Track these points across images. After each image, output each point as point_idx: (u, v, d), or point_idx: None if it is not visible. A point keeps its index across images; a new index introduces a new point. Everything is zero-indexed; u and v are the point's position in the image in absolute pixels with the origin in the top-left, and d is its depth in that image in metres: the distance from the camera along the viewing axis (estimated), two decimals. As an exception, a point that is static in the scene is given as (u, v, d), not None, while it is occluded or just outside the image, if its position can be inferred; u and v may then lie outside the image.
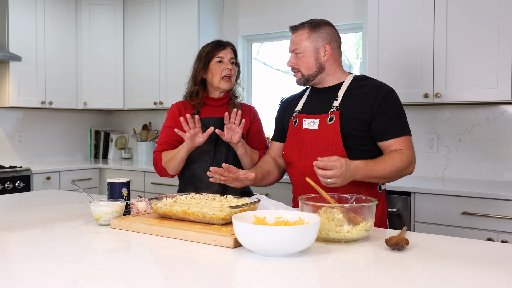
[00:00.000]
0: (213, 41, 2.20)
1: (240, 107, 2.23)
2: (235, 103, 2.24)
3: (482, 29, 2.75)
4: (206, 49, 2.17)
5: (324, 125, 1.84)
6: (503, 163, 3.02)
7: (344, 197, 1.59)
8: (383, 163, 1.72)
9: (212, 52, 2.14)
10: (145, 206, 1.78)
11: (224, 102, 2.22)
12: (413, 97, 2.95)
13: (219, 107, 2.21)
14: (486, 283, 1.06)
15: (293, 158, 1.91)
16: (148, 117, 4.77)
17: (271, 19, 3.98)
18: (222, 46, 2.16)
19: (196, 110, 2.18)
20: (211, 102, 2.20)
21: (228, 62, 2.14)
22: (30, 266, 1.17)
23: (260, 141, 2.26)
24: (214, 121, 2.15)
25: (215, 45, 2.16)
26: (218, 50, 2.14)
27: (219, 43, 2.17)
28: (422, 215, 2.69)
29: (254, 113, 2.29)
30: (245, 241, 1.26)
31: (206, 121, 2.16)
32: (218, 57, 2.13)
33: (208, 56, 2.14)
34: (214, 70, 2.14)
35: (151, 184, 3.90)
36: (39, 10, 4.03)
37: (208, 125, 2.13)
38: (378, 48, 3.08)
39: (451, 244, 1.41)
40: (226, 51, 2.15)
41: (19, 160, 4.23)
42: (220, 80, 2.14)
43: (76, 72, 4.36)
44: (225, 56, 2.14)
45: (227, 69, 2.13)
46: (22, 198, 2.30)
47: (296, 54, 1.88)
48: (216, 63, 2.14)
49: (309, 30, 1.85)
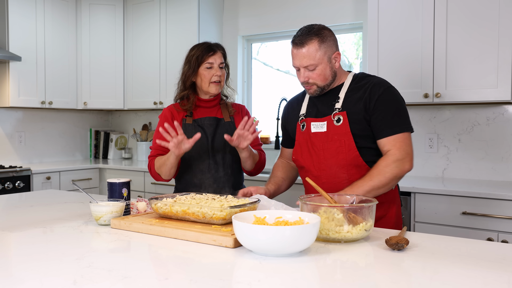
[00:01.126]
0: (203, 44, 2.17)
1: (232, 106, 2.25)
2: (227, 103, 2.25)
3: (482, 29, 2.75)
4: (196, 53, 2.13)
5: (332, 126, 1.83)
6: (503, 163, 3.02)
7: (344, 197, 1.59)
8: (361, 184, 1.72)
9: (202, 57, 2.12)
10: (145, 206, 1.78)
11: (216, 103, 2.22)
12: (413, 97, 2.95)
13: (211, 108, 2.22)
14: (486, 283, 1.06)
15: (305, 163, 1.90)
16: (148, 117, 4.77)
17: (271, 19, 3.98)
18: (212, 51, 2.13)
19: (189, 113, 2.19)
20: (202, 103, 2.20)
21: (218, 67, 2.13)
22: (30, 266, 1.17)
23: (253, 140, 2.26)
24: (209, 121, 2.17)
25: (204, 50, 2.13)
26: (207, 55, 2.12)
27: (209, 47, 2.14)
28: (422, 215, 2.69)
29: (245, 112, 2.29)
30: (245, 241, 1.26)
31: (201, 121, 2.17)
32: (208, 63, 2.12)
33: (198, 61, 2.12)
34: (203, 76, 2.13)
35: (151, 184, 3.89)
36: (39, 10, 4.03)
37: (204, 125, 2.15)
38: (378, 48, 3.08)
39: (451, 244, 1.41)
40: (216, 56, 2.13)
41: (19, 160, 4.23)
42: (210, 85, 2.13)
43: (76, 72, 4.36)
44: (214, 61, 2.12)
45: (217, 75, 2.12)
46: (22, 198, 2.30)
47: (308, 68, 1.81)
48: (205, 68, 2.12)
49: (318, 41, 1.78)
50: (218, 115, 2.21)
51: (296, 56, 1.82)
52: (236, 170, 2.20)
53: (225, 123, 2.19)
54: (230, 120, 2.21)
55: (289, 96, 3.94)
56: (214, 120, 2.17)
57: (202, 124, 2.16)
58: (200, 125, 2.16)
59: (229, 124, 2.19)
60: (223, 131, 2.13)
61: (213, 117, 2.18)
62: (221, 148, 2.15)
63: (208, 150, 2.14)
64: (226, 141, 2.05)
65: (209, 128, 2.16)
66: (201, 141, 2.12)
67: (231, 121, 2.21)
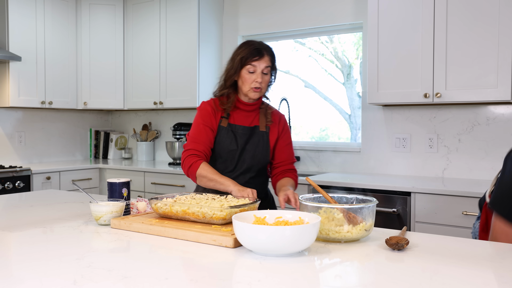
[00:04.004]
0: (251, 45, 2.03)
1: (271, 116, 2.14)
2: (266, 110, 2.14)
3: (482, 28, 2.75)
4: (241, 53, 2.02)
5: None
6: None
7: (344, 197, 1.59)
8: None
9: (246, 60, 2.00)
10: (145, 206, 1.78)
11: (255, 108, 2.12)
12: (413, 97, 2.95)
13: (249, 112, 2.11)
14: (486, 283, 1.06)
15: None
16: (148, 117, 4.77)
17: (271, 19, 3.98)
18: (258, 55, 2.00)
19: (226, 114, 2.09)
20: (242, 106, 2.10)
21: (260, 73, 2.00)
22: (30, 266, 1.17)
23: (289, 155, 2.17)
24: (243, 130, 2.08)
25: (250, 52, 2.00)
26: (252, 59, 1.99)
27: (256, 51, 2.00)
28: (422, 215, 2.69)
29: (283, 123, 2.18)
30: (245, 241, 1.26)
31: (235, 128, 2.08)
32: (252, 66, 1.99)
33: (241, 62, 2.01)
34: (244, 79, 2.02)
35: (151, 184, 3.90)
36: (39, 10, 4.03)
37: (237, 133, 2.07)
38: (378, 48, 3.08)
39: (451, 244, 1.41)
40: (261, 61, 2.00)
41: (19, 160, 4.23)
42: (249, 89, 2.02)
43: (76, 72, 4.36)
44: (258, 66, 1.99)
45: (257, 82, 2.00)
46: (22, 198, 2.30)
47: None
48: (247, 72, 2.01)
49: None
50: (255, 122, 2.11)
51: None
52: (259, 183, 2.12)
53: (259, 133, 2.10)
54: (265, 130, 2.11)
55: (289, 96, 3.94)
56: (248, 130, 2.08)
57: (235, 131, 2.08)
58: (233, 131, 2.07)
59: (262, 135, 2.10)
60: (255, 142, 2.07)
61: (248, 126, 2.09)
62: (248, 160, 2.08)
63: (234, 159, 2.07)
64: (255, 155, 2.04)
65: (242, 138, 2.07)
66: (231, 149, 2.05)
67: (265, 131, 2.11)
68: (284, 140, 2.16)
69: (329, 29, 3.76)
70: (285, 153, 2.16)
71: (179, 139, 4.20)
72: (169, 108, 4.22)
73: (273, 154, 2.15)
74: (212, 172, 1.95)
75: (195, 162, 1.99)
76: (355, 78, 3.81)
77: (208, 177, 1.94)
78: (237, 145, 2.06)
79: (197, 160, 1.99)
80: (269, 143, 2.11)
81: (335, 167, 3.63)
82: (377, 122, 3.46)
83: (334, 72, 3.94)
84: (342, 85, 3.90)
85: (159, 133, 4.65)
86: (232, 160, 2.08)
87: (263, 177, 2.16)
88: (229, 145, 2.06)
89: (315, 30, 3.82)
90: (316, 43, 3.97)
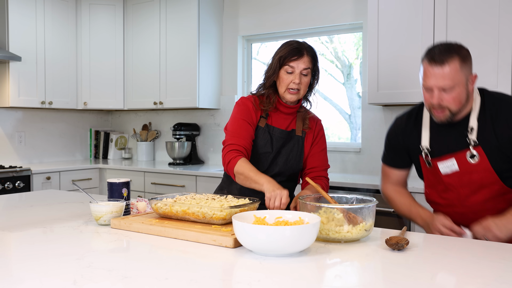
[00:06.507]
0: (291, 44, 1.96)
1: (308, 120, 2.07)
2: (305, 116, 2.07)
3: (482, 29, 2.75)
4: (280, 53, 1.94)
5: (465, 164, 1.67)
6: (503, 163, 3.01)
7: (344, 197, 1.60)
8: None
9: (284, 60, 1.92)
10: (145, 206, 1.78)
11: (294, 111, 2.04)
12: (413, 97, 2.95)
13: (287, 115, 2.04)
14: (486, 283, 1.06)
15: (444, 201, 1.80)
16: (148, 117, 4.77)
17: (271, 19, 3.98)
18: (298, 55, 1.91)
19: (265, 114, 2.02)
20: (282, 108, 2.02)
21: (299, 74, 1.91)
22: (30, 266, 1.17)
23: (322, 161, 2.07)
24: (280, 134, 2.01)
25: (289, 52, 1.92)
26: (291, 59, 1.91)
27: (296, 50, 1.92)
28: (422, 215, 2.68)
29: (319, 129, 2.10)
30: (245, 241, 1.26)
31: (273, 130, 2.01)
32: (290, 67, 1.91)
33: (280, 62, 1.93)
34: (282, 79, 1.94)
35: (151, 184, 3.90)
36: (39, 10, 4.03)
37: (273, 136, 2.01)
38: (378, 48, 3.08)
39: (451, 244, 1.41)
40: (300, 61, 1.91)
41: (19, 160, 4.23)
42: (286, 91, 1.94)
43: (76, 72, 4.36)
44: (296, 67, 1.91)
45: (295, 83, 1.92)
46: (22, 198, 2.30)
47: (444, 89, 1.61)
48: (285, 72, 1.92)
49: (460, 61, 1.61)
50: (292, 125, 2.04)
51: (432, 75, 1.61)
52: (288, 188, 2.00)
53: (294, 137, 2.03)
54: (301, 135, 2.04)
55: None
56: (285, 134, 2.02)
57: (272, 133, 2.01)
58: (270, 133, 2.02)
59: (298, 140, 2.04)
60: (290, 147, 2.02)
61: (285, 130, 2.02)
62: (281, 165, 2.02)
63: (267, 161, 2.02)
64: (289, 160, 1.99)
65: (278, 141, 2.01)
66: (265, 151, 2.01)
67: (301, 136, 2.04)
68: (319, 146, 2.07)
69: (329, 29, 3.76)
70: (318, 159, 2.07)
71: (179, 139, 4.20)
72: (169, 108, 4.23)
73: (306, 160, 2.07)
74: (249, 169, 1.82)
75: (234, 158, 1.88)
76: (355, 78, 3.82)
77: (245, 174, 1.82)
78: (272, 148, 2.00)
79: (236, 155, 1.88)
80: (303, 149, 2.04)
81: (335, 167, 3.63)
82: (377, 122, 3.46)
83: (334, 72, 3.94)
84: (342, 85, 3.90)
85: (159, 133, 4.65)
86: (265, 162, 2.01)
87: (292, 182, 2.10)
88: (263, 146, 2.00)
89: (315, 30, 3.82)
90: (316, 43, 3.97)
